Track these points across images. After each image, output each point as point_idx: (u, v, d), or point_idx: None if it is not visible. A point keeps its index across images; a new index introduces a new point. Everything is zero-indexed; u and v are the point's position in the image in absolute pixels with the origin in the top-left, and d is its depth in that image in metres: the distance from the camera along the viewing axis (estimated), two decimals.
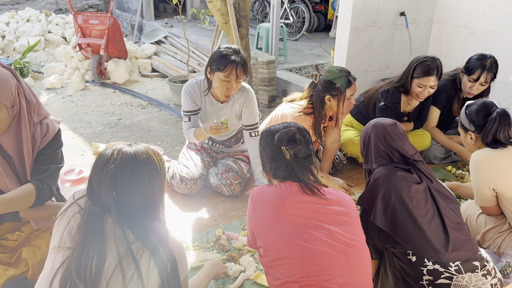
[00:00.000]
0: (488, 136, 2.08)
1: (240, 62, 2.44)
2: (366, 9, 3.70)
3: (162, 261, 1.23)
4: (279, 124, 1.66)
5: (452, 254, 1.65)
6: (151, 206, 1.30)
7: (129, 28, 9.12)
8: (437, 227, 1.69)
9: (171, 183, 2.76)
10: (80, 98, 5.47)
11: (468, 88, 2.96)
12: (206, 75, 2.57)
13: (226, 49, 2.46)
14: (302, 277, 1.37)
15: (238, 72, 2.44)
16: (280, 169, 1.55)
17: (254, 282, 2.03)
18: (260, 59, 5.14)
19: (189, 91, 2.63)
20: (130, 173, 1.23)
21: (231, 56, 2.42)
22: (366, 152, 1.94)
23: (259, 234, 1.49)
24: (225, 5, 3.83)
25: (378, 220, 1.73)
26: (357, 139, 3.12)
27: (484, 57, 2.88)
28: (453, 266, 1.64)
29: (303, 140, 1.56)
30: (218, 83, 2.47)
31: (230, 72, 2.42)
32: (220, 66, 2.42)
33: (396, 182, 1.73)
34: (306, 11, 7.98)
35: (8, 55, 7.12)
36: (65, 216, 1.26)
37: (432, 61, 2.81)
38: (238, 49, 2.49)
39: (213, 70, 2.47)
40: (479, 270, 1.65)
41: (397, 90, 2.97)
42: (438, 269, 1.65)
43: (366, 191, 1.83)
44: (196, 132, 2.59)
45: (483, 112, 2.10)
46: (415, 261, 1.68)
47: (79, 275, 1.15)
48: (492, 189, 2.04)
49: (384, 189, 1.74)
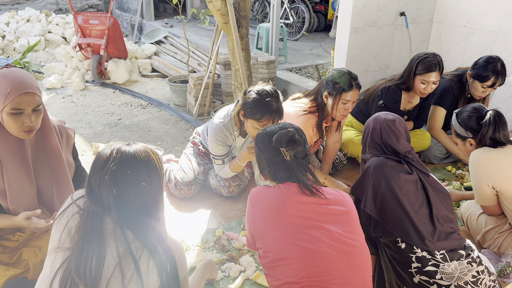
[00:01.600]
0: (485, 138, 2.10)
1: (278, 110, 2.23)
2: (366, 9, 3.70)
3: (161, 261, 1.23)
4: (274, 125, 1.65)
5: (437, 244, 1.72)
6: (151, 205, 1.30)
7: (129, 28, 9.12)
8: (425, 216, 1.75)
9: (168, 186, 2.75)
10: (80, 98, 5.47)
11: (480, 93, 2.99)
12: (238, 117, 2.37)
13: (264, 95, 2.23)
14: (302, 277, 1.37)
15: (274, 121, 2.25)
16: (280, 171, 1.54)
17: (254, 282, 2.03)
18: (260, 59, 5.13)
19: (220, 137, 2.46)
20: (130, 172, 1.23)
21: (270, 105, 2.21)
22: (364, 142, 2.01)
23: (259, 235, 1.49)
24: (225, 5, 3.83)
25: (368, 207, 1.80)
26: (357, 139, 3.11)
27: (494, 60, 2.88)
28: (439, 254, 1.71)
29: (301, 140, 1.56)
30: (251, 129, 2.30)
31: (267, 123, 2.23)
32: (257, 116, 2.22)
33: (386, 171, 1.80)
34: (306, 11, 7.98)
35: (8, 55, 7.12)
36: (63, 216, 1.26)
37: (433, 57, 2.84)
38: (276, 93, 2.28)
39: (247, 116, 2.28)
40: (463, 259, 1.71)
41: (398, 87, 2.97)
42: (425, 256, 1.71)
43: (358, 180, 1.90)
44: (232, 167, 2.52)
45: (475, 116, 2.15)
46: (404, 247, 1.74)
47: (79, 274, 1.15)
48: (491, 187, 2.05)
49: (374, 178, 1.81)
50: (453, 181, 2.99)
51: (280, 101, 2.28)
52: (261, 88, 2.28)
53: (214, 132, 2.46)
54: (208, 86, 4.82)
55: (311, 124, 2.60)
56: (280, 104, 2.27)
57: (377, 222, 1.80)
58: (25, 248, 1.77)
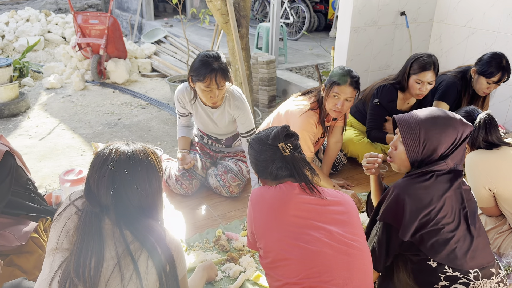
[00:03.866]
0: (478, 141, 2.08)
1: (219, 69, 2.34)
2: (367, 9, 3.69)
3: (160, 261, 1.22)
4: (265, 130, 1.64)
5: (472, 262, 1.60)
6: (150, 206, 1.29)
7: (128, 28, 9.11)
8: (462, 233, 1.60)
9: (168, 183, 2.76)
10: (79, 98, 5.46)
11: (485, 89, 2.99)
12: (189, 84, 2.51)
13: (204, 57, 2.37)
14: (303, 278, 1.37)
15: (218, 80, 2.36)
16: (282, 168, 1.54)
17: (254, 283, 2.02)
18: (260, 59, 5.13)
19: (178, 97, 2.65)
20: (128, 172, 1.23)
21: (210, 64, 2.33)
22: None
23: (260, 236, 1.48)
24: (225, 5, 3.83)
25: (407, 236, 1.59)
26: (357, 138, 3.11)
27: (499, 57, 2.89)
28: (473, 272, 1.59)
29: (295, 133, 1.58)
30: (200, 92, 2.44)
31: (210, 81, 2.34)
32: (200, 77, 2.35)
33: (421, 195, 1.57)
34: (306, 11, 7.98)
35: (7, 55, 7.11)
36: (61, 217, 1.25)
37: (428, 57, 2.84)
38: (217, 55, 2.40)
39: (194, 80, 2.42)
40: (494, 277, 1.63)
41: (393, 86, 2.97)
42: (456, 275, 1.60)
43: (390, 207, 1.64)
44: (179, 141, 2.81)
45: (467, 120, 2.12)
46: (435, 267, 1.61)
47: (78, 275, 1.14)
48: (488, 189, 2.04)
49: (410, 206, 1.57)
50: None
51: (221, 61, 2.38)
52: (203, 53, 2.41)
53: (176, 91, 2.67)
54: None
55: (314, 121, 2.60)
56: (221, 63, 2.37)
57: (411, 243, 1.61)
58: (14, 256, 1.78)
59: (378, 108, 2.98)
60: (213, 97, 2.43)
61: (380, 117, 3.01)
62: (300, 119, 2.54)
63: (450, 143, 1.58)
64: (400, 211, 1.58)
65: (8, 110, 4.83)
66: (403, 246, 1.65)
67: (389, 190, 1.65)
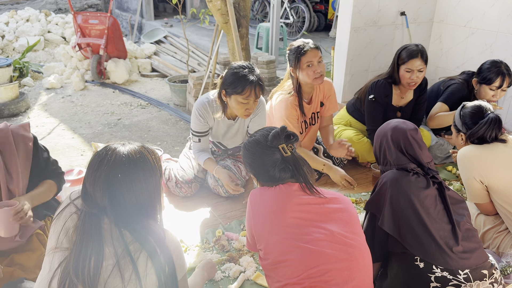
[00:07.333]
0: (474, 136, 2.13)
1: (257, 81, 2.30)
2: (367, 9, 3.69)
3: (159, 261, 1.22)
4: (257, 131, 1.64)
5: (461, 262, 1.62)
6: (148, 205, 1.29)
7: (128, 28, 9.11)
8: (447, 233, 1.66)
9: (167, 185, 2.74)
10: (79, 98, 5.46)
11: (490, 97, 2.98)
12: (220, 98, 2.42)
13: (240, 69, 2.30)
14: (303, 278, 1.37)
15: (257, 92, 2.31)
16: (284, 170, 1.53)
17: (254, 283, 2.02)
18: (260, 59, 5.13)
19: (201, 112, 2.49)
20: (123, 174, 1.22)
21: (248, 76, 2.28)
22: (384, 155, 1.87)
23: (259, 237, 1.48)
24: (225, 5, 3.83)
25: (386, 225, 1.69)
26: (357, 138, 3.11)
27: (497, 63, 2.92)
28: (462, 274, 1.62)
29: (295, 133, 1.58)
30: (236, 105, 2.34)
31: (250, 93, 2.28)
32: (238, 89, 2.28)
33: (404, 186, 1.70)
34: (306, 11, 7.98)
35: (7, 55, 7.11)
36: (61, 216, 1.25)
37: (415, 46, 2.87)
38: (252, 66, 2.35)
39: (229, 93, 2.34)
40: (487, 279, 1.64)
41: (386, 81, 2.98)
42: (446, 276, 1.62)
43: (374, 196, 1.79)
44: (208, 164, 2.54)
45: (477, 116, 2.14)
46: (422, 267, 1.64)
47: (77, 274, 1.14)
48: (479, 181, 2.08)
49: (391, 193, 1.71)
50: (453, 181, 2.98)
51: (256, 72, 2.34)
52: (235, 65, 2.36)
53: (197, 106, 2.51)
54: (208, 86, 4.82)
55: (294, 104, 2.64)
56: (257, 74, 2.34)
57: (396, 239, 1.70)
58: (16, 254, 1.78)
59: (374, 104, 2.99)
60: (250, 109, 2.38)
61: (377, 114, 3.01)
62: (278, 106, 2.62)
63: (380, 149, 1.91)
64: (382, 199, 1.72)
65: (8, 110, 4.83)
66: (390, 242, 1.73)
67: (379, 180, 1.80)
